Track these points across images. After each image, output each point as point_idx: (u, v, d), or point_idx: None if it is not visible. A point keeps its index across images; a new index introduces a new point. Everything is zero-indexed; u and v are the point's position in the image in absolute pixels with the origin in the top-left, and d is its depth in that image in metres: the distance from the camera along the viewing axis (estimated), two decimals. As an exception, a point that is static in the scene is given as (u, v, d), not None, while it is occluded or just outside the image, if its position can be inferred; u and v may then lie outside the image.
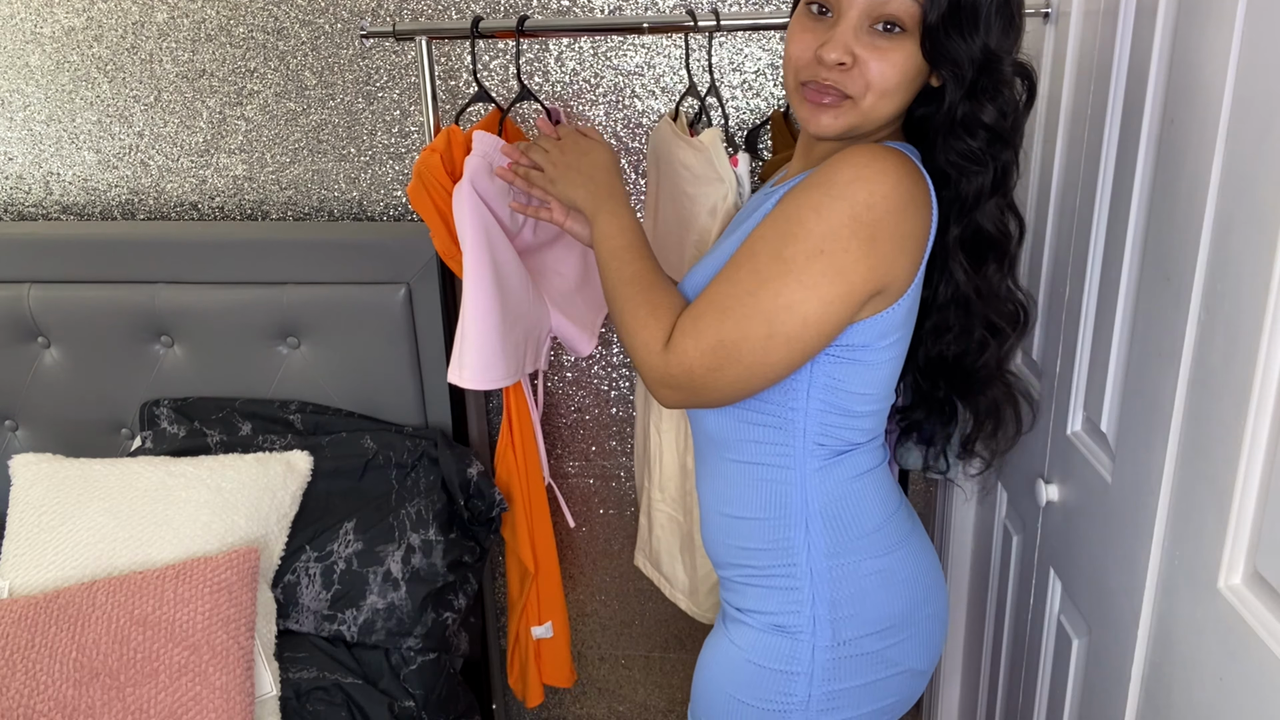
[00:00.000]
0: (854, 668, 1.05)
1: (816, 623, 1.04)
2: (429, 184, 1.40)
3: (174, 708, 1.29)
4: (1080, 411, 1.22)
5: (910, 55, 0.93)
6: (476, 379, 1.38)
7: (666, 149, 1.51)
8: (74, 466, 1.58)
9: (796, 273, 0.90)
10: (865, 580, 1.05)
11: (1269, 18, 0.79)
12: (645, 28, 1.44)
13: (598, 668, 2.14)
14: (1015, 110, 0.98)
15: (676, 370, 0.95)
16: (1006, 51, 0.94)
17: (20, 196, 1.92)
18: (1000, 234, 1.02)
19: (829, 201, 0.90)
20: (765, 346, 0.92)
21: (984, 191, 1.00)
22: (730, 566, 1.11)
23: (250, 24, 1.76)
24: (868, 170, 0.91)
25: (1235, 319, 0.83)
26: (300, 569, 1.56)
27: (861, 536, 1.05)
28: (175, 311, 1.74)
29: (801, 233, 0.90)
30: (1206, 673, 0.88)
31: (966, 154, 0.98)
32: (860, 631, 1.05)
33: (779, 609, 1.06)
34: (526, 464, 1.64)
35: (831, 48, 0.93)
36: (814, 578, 1.04)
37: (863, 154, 0.93)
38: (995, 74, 0.94)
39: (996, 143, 0.98)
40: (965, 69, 0.93)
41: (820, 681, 1.04)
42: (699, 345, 0.94)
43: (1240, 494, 0.83)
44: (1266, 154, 0.78)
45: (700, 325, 0.94)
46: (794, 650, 1.04)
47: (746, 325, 0.92)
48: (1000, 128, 0.97)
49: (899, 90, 0.95)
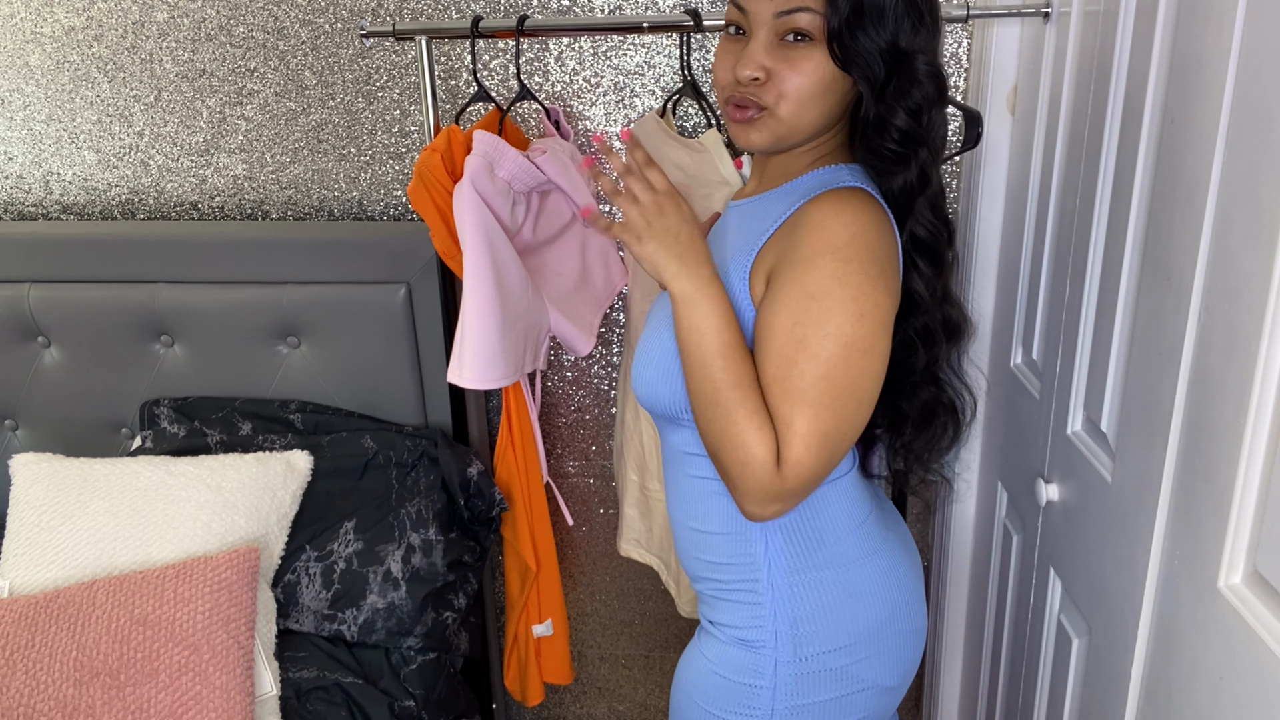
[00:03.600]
0: (817, 683, 1.04)
1: (778, 637, 1.04)
2: (429, 184, 1.40)
3: (174, 707, 1.29)
4: (1080, 411, 1.22)
5: (821, 63, 0.95)
6: (476, 379, 1.38)
7: (655, 147, 1.50)
8: (74, 466, 1.58)
9: (853, 343, 0.91)
10: (827, 595, 1.04)
11: (1269, 18, 0.79)
12: (645, 27, 1.44)
13: (598, 667, 2.14)
14: (929, 109, 0.97)
15: (795, 482, 0.91)
16: (920, 50, 0.95)
17: (20, 196, 1.92)
18: (932, 237, 1.03)
19: (843, 267, 0.91)
20: (857, 417, 0.93)
21: (911, 191, 1.00)
22: (701, 580, 1.11)
23: (250, 24, 1.76)
24: (854, 224, 0.93)
25: (1235, 319, 0.83)
26: (300, 568, 1.56)
27: (823, 548, 1.04)
28: (175, 311, 1.74)
29: (836, 305, 0.91)
30: (1206, 673, 0.88)
31: (883, 154, 0.99)
32: (822, 647, 1.04)
33: (743, 623, 1.05)
34: (526, 463, 1.64)
35: (744, 64, 0.96)
36: (775, 592, 1.04)
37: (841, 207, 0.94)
38: (906, 74, 0.95)
39: (910, 141, 0.98)
40: (875, 70, 0.94)
41: (783, 696, 1.04)
42: (807, 449, 0.90)
43: (1240, 494, 0.83)
44: (1266, 154, 0.78)
45: (797, 430, 0.90)
46: (756, 664, 1.04)
47: (838, 407, 0.91)
48: (911, 129, 0.97)
49: (815, 98, 0.97)
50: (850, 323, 0.91)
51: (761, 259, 0.99)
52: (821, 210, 0.95)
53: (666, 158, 1.47)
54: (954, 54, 1.62)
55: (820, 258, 0.92)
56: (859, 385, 0.92)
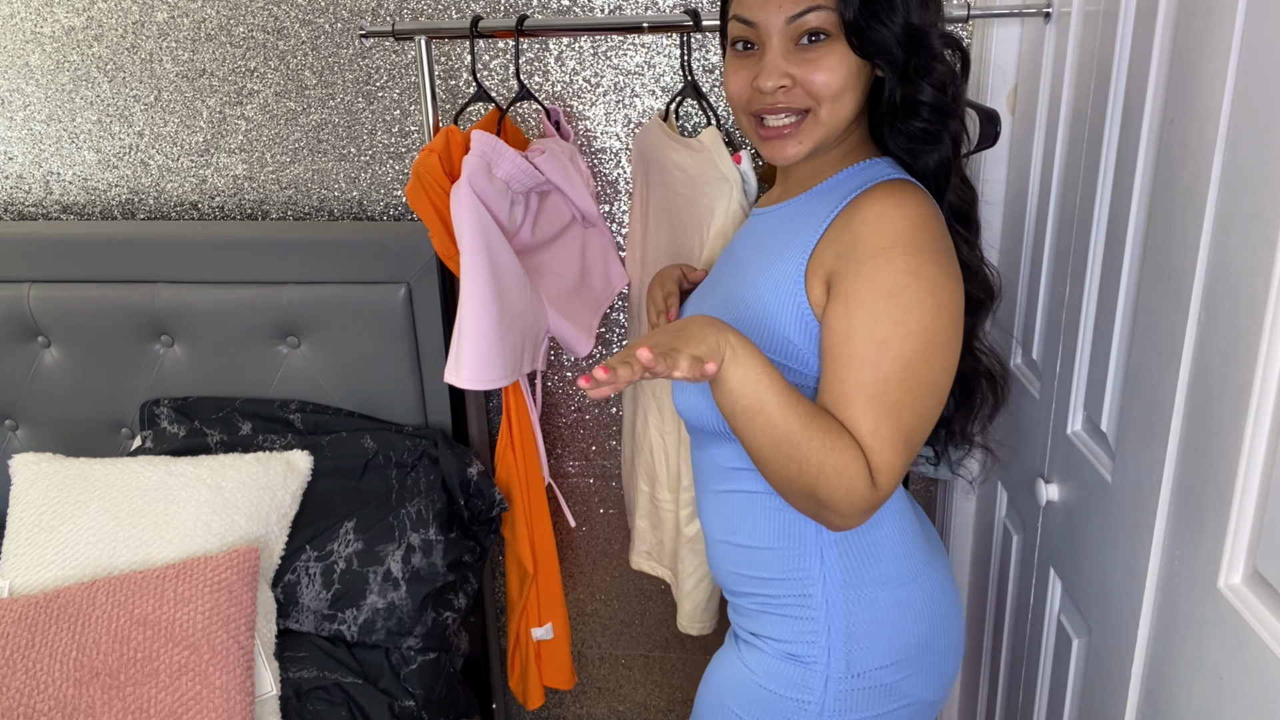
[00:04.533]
0: (866, 699, 1.02)
1: (831, 653, 1.02)
2: (427, 184, 1.39)
3: (174, 707, 1.29)
4: (1080, 411, 1.22)
5: (844, 56, 0.94)
6: (473, 379, 1.38)
7: (658, 151, 1.50)
8: (74, 466, 1.58)
9: (934, 339, 0.90)
10: (883, 611, 1.02)
11: (1269, 18, 0.79)
12: (645, 27, 1.43)
13: (598, 668, 2.14)
14: (953, 81, 0.97)
15: (887, 489, 0.90)
16: (930, 25, 0.95)
17: (20, 196, 1.92)
18: (964, 204, 1.03)
19: (915, 259, 0.90)
20: (936, 413, 0.93)
21: (946, 165, 1.00)
22: (742, 595, 1.09)
23: (250, 24, 1.76)
24: (916, 215, 0.92)
25: (1235, 319, 0.83)
26: (300, 568, 1.56)
27: (879, 564, 1.03)
28: (175, 311, 1.74)
29: (914, 300, 0.89)
30: (1206, 673, 0.88)
31: (915, 134, 0.99)
32: (876, 664, 1.02)
33: (793, 638, 1.03)
34: (526, 464, 1.64)
35: (766, 77, 0.95)
36: (830, 608, 1.02)
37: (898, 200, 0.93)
38: (924, 50, 0.95)
39: (941, 116, 0.98)
40: (895, 53, 0.94)
41: (831, 713, 1.02)
42: (895, 452, 0.89)
43: (1240, 494, 0.83)
44: (1266, 154, 0.78)
45: (883, 435, 0.89)
46: (807, 679, 1.02)
47: (920, 406, 0.90)
48: (940, 102, 0.97)
49: (847, 91, 0.96)
50: (931, 316, 0.90)
51: (817, 260, 0.96)
52: (880, 204, 0.93)
53: (669, 161, 1.47)
54: (954, 54, 1.62)
55: (891, 251, 0.91)
56: (938, 381, 0.91)
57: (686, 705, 2.14)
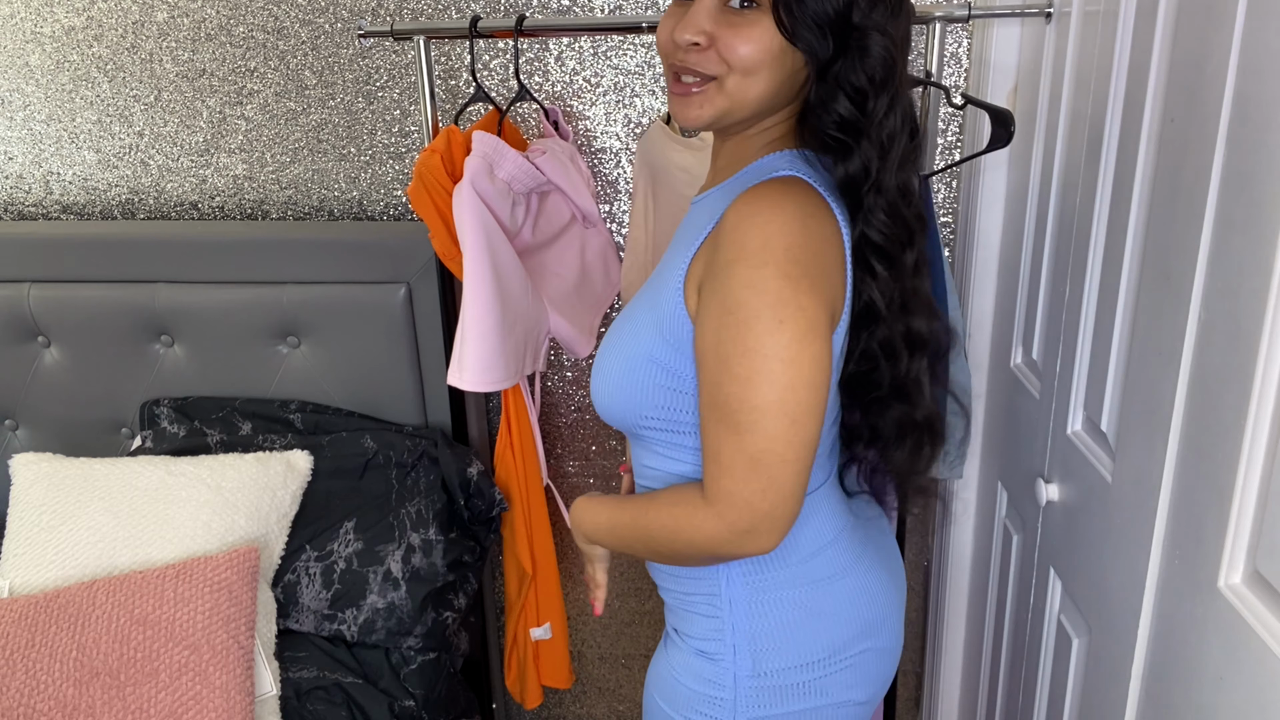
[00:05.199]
0: (778, 697, 1.00)
1: (737, 651, 1.01)
2: (429, 185, 1.40)
3: (174, 707, 1.29)
4: (1080, 411, 1.22)
5: (768, 31, 0.88)
6: (476, 381, 1.38)
7: (661, 154, 1.50)
8: (74, 466, 1.58)
9: (774, 353, 0.84)
10: (787, 613, 1.00)
11: (1269, 18, 0.79)
12: (645, 27, 1.43)
13: (598, 668, 2.14)
14: (874, 95, 0.89)
15: (734, 515, 0.87)
16: (877, 29, 0.87)
17: (20, 196, 1.92)
18: (886, 240, 0.94)
19: (755, 273, 0.85)
20: (793, 433, 0.86)
21: (854, 183, 0.92)
22: (664, 589, 1.09)
23: (250, 24, 1.76)
24: (770, 224, 0.86)
25: (1235, 319, 0.83)
26: (300, 568, 1.56)
27: (785, 567, 1.00)
28: (175, 311, 1.74)
29: (751, 316, 0.85)
30: (1206, 673, 0.88)
31: (820, 138, 0.93)
32: (783, 664, 1.00)
33: (702, 635, 1.03)
34: (525, 465, 1.64)
35: (684, 28, 0.90)
36: (733, 607, 1.01)
37: (756, 206, 0.88)
38: (857, 53, 0.88)
39: (849, 130, 0.91)
40: (818, 44, 0.88)
41: (745, 707, 1.01)
42: (734, 478, 0.86)
43: (1240, 494, 0.83)
44: (1266, 154, 0.78)
45: (723, 460, 0.87)
46: (717, 675, 1.01)
47: (766, 427, 0.85)
48: (852, 116, 0.90)
49: (762, 68, 0.89)
50: (768, 334, 0.84)
51: (693, 268, 0.93)
52: (737, 213, 0.88)
53: (672, 163, 1.47)
54: (954, 54, 1.62)
55: (734, 265, 0.86)
56: (786, 400, 0.84)
57: (686, 705, 2.14)
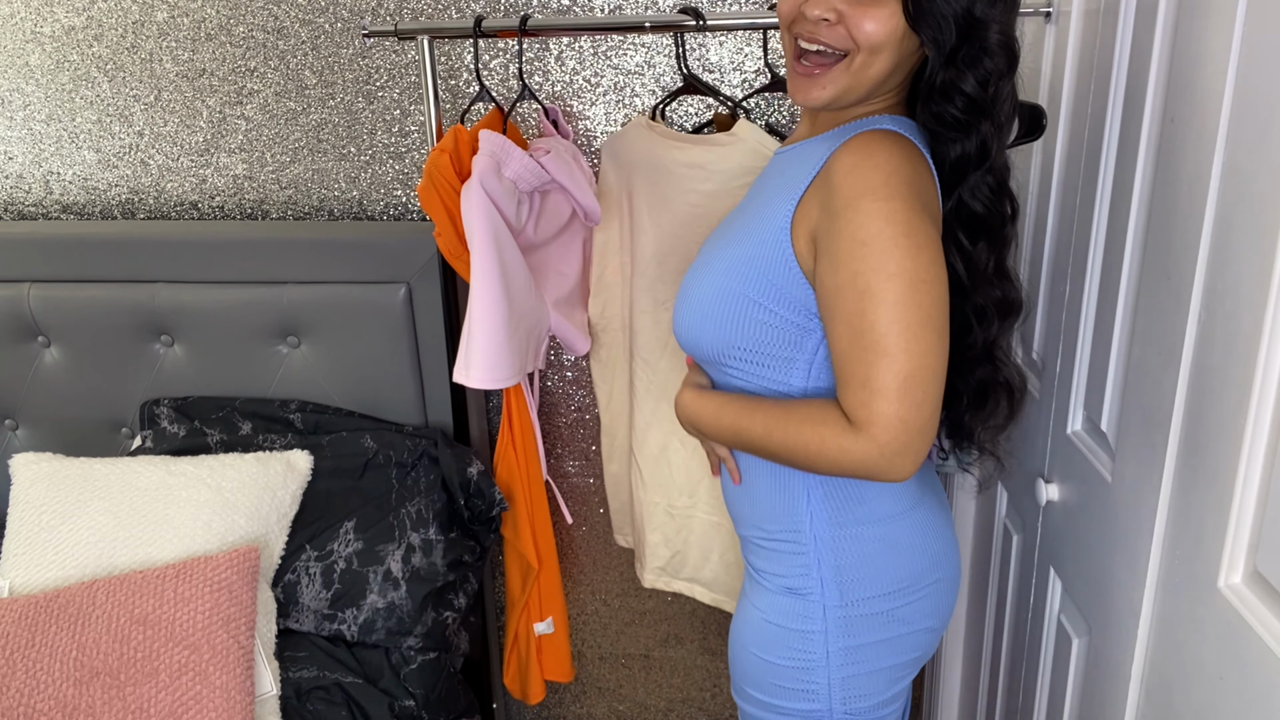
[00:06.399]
0: (867, 625, 1.08)
1: (824, 584, 1.08)
2: (438, 184, 1.40)
3: (174, 707, 1.29)
4: (1080, 411, 1.22)
5: (895, 13, 0.94)
6: (483, 379, 1.38)
7: (648, 152, 1.49)
8: (74, 466, 1.58)
9: (916, 277, 0.90)
10: (869, 545, 1.07)
11: (1269, 18, 0.79)
12: (647, 27, 1.44)
13: (598, 667, 2.14)
14: (997, 79, 0.96)
15: (888, 436, 0.91)
16: (994, 20, 0.94)
17: (20, 196, 1.92)
18: (989, 212, 1.02)
19: (886, 205, 0.91)
20: (938, 350, 0.92)
21: (966, 161, 0.99)
22: (748, 526, 1.15)
23: (250, 23, 1.76)
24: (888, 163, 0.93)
25: (1235, 319, 0.83)
26: (300, 568, 1.56)
27: (863, 504, 1.07)
28: (175, 311, 1.74)
29: (889, 244, 0.90)
30: (1206, 673, 0.88)
31: (944, 120, 0.98)
32: (867, 593, 1.08)
33: (788, 572, 1.10)
34: (527, 463, 1.64)
35: (814, 4, 0.95)
36: (818, 544, 1.08)
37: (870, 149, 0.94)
38: (979, 41, 0.94)
39: (975, 111, 0.97)
40: (946, 34, 0.93)
41: (836, 638, 1.08)
42: (888, 400, 0.90)
43: (1240, 494, 0.83)
44: (1266, 154, 0.78)
45: (874, 385, 0.90)
46: (806, 610, 1.08)
47: (917, 347, 0.90)
48: (979, 96, 0.96)
49: (885, 48, 0.95)
50: (909, 258, 0.90)
51: (802, 213, 0.98)
52: (853, 154, 0.95)
53: (672, 160, 1.46)
54: (954, 54, 1.62)
55: (861, 200, 0.92)
56: (931, 316, 0.91)
57: (686, 705, 2.14)
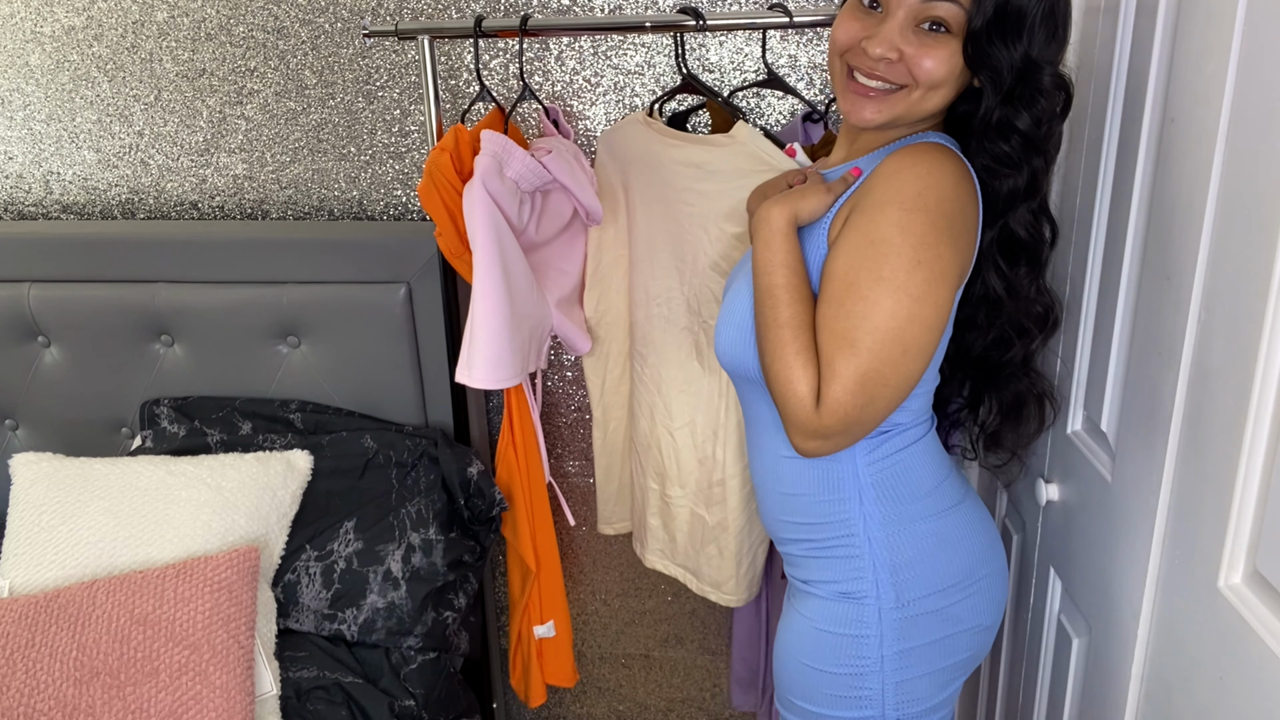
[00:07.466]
0: (921, 626, 1.08)
1: (880, 587, 1.08)
2: (440, 184, 1.40)
3: (174, 707, 1.29)
4: (1080, 411, 1.22)
5: (954, 53, 0.97)
6: (486, 378, 1.38)
7: (645, 148, 1.49)
8: (74, 466, 1.58)
9: (903, 288, 0.93)
10: (922, 542, 1.09)
11: (1269, 18, 0.79)
12: (647, 27, 1.44)
13: (598, 667, 2.14)
14: (1050, 119, 1.00)
15: (831, 420, 0.94)
16: (1048, 61, 0.97)
17: (20, 196, 1.92)
18: (1032, 238, 1.06)
19: (907, 216, 0.94)
20: (903, 363, 0.94)
21: (1016, 195, 1.03)
22: (790, 541, 1.15)
23: (250, 23, 1.76)
24: (929, 176, 0.96)
25: (1235, 319, 0.83)
26: (300, 568, 1.56)
27: (914, 502, 1.09)
28: (175, 311, 1.74)
29: (893, 251, 0.93)
30: (1206, 673, 0.88)
31: (999, 157, 1.02)
32: (923, 591, 1.08)
33: (842, 577, 1.10)
34: (528, 463, 1.64)
35: (877, 43, 0.97)
36: (872, 545, 1.08)
37: (917, 159, 0.97)
38: (1034, 82, 0.97)
39: (1029, 149, 1.01)
40: (1004, 75, 0.96)
41: (891, 642, 1.08)
42: (845, 388, 0.93)
43: (1240, 494, 0.83)
44: (1266, 154, 0.78)
45: (836, 368, 0.94)
46: (861, 614, 1.08)
47: (880, 350, 0.93)
48: (1033, 135, 1.00)
49: (944, 86, 0.99)
50: (905, 269, 0.93)
51: (839, 216, 1.02)
52: (897, 161, 0.98)
53: (669, 158, 1.46)
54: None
55: (887, 205, 0.95)
56: (905, 330, 0.93)
57: (687, 705, 2.14)
